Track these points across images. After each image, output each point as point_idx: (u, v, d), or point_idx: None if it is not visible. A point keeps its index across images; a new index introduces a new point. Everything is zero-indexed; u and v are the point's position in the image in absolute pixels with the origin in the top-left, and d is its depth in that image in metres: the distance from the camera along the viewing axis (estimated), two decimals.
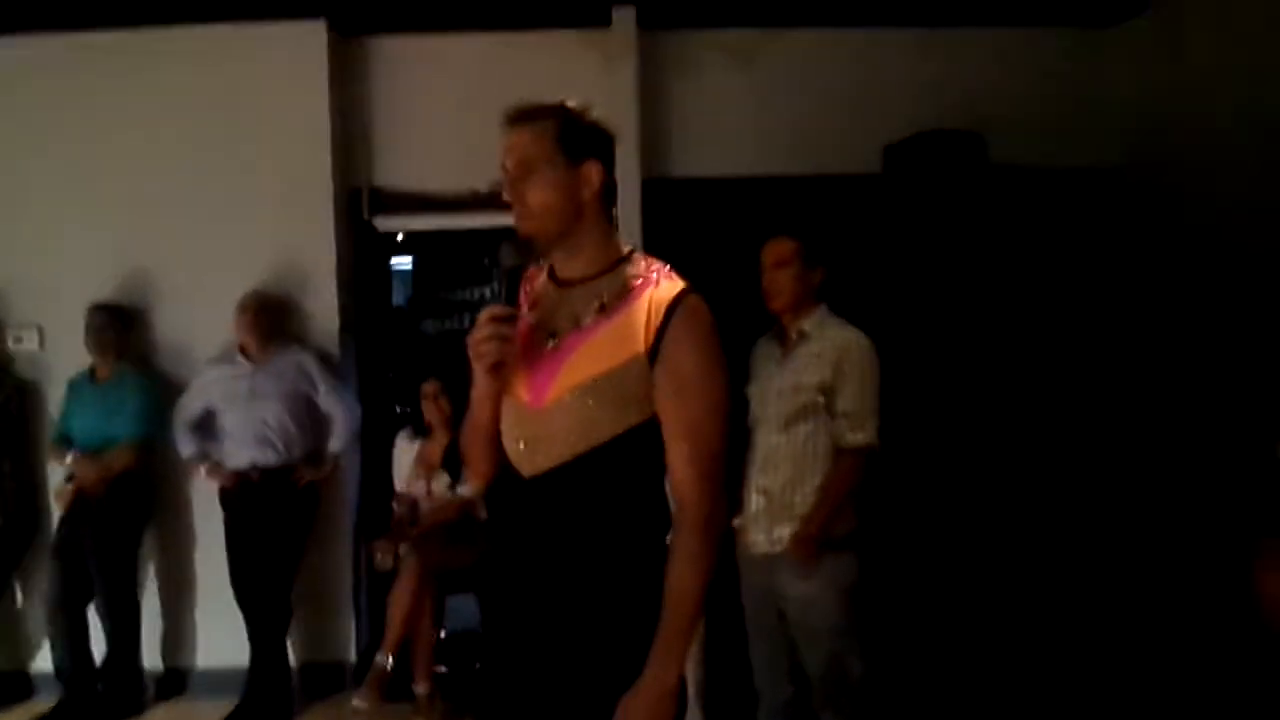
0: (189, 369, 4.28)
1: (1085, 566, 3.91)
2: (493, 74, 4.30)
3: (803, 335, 2.86)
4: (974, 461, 3.76)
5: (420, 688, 3.88)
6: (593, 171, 1.69)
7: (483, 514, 4.06)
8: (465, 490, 4.08)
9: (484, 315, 1.65)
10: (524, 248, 1.70)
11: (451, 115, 4.34)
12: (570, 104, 1.71)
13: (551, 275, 1.76)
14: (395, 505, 4.32)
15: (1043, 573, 3.82)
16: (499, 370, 1.66)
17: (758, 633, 2.96)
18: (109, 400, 4.13)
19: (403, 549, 4.02)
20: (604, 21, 4.36)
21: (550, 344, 1.68)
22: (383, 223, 4.56)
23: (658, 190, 4.31)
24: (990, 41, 4.39)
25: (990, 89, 4.30)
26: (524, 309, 1.76)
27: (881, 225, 4.05)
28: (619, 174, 4.40)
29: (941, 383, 3.77)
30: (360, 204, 4.48)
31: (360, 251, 4.56)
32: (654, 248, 4.12)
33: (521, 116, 1.69)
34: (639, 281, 1.69)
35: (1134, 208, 4.30)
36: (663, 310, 1.64)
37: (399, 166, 4.46)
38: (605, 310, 1.67)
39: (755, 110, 4.39)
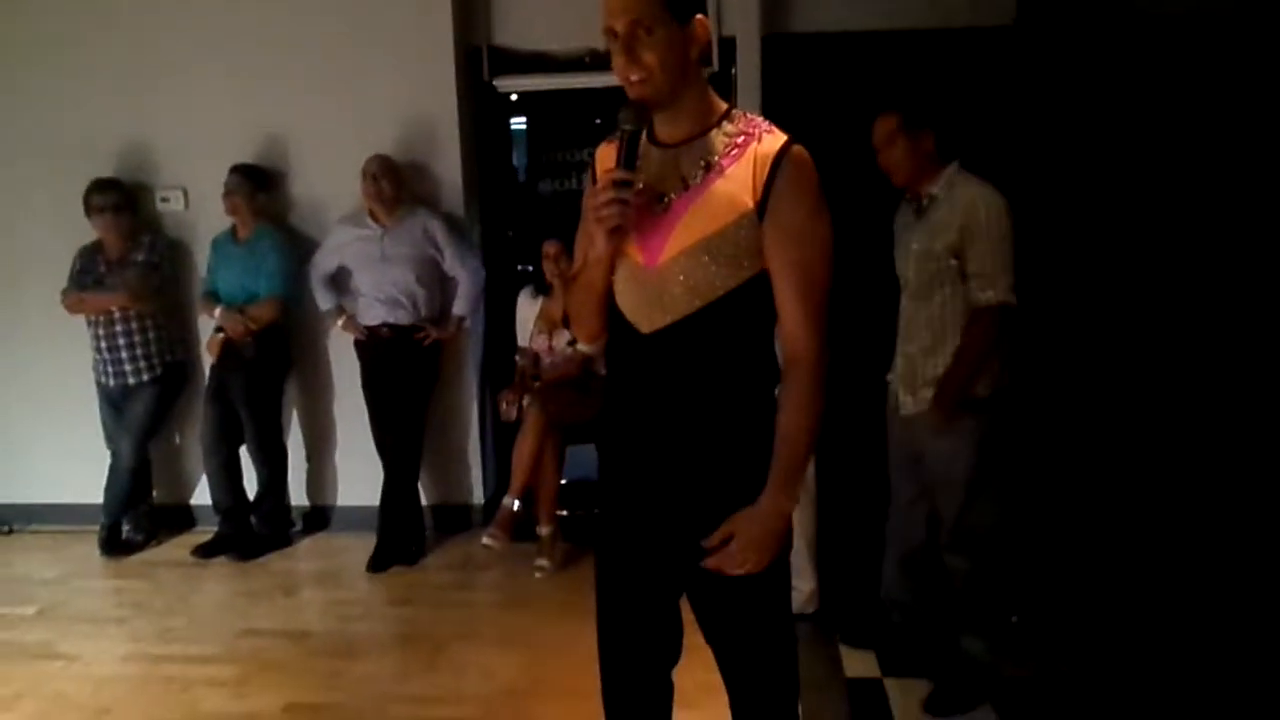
0: (322, 228, 4.48)
1: (1228, 430, 3.84)
2: None
3: (932, 200, 2.83)
4: (1115, 323, 3.70)
5: (544, 529, 4.13)
6: (700, 28, 1.68)
7: (602, 369, 4.20)
8: (585, 346, 4.22)
9: (604, 179, 1.68)
10: (640, 110, 1.69)
11: None
12: None
13: (651, 137, 1.76)
14: (518, 359, 4.51)
15: (1182, 433, 3.78)
16: (619, 234, 1.69)
17: (900, 482, 3.06)
18: (249, 258, 4.36)
19: (526, 400, 4.22)
20: None
21: (661, 205, 1.71)
22: (501, 83, 4.60)
23: (779, 46, 4.20)
24: None
25: None
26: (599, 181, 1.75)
27: (1015, 81, 3.89)
28: (739, 29, 4.33)
29: (1078, 245, 3.69)
30: (480, 64, 4.52)
31: (480, 112, 4.62)
32: (775, 106, 4.14)
33: None
34: (742, 138, 1.70)
35: None
36: (768, 164, 1.66)
37: (517, 25, 4.45)
38: (711, 169, 1.69)
39: None
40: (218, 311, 4.32)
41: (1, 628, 3.78)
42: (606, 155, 1.79)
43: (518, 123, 5.47)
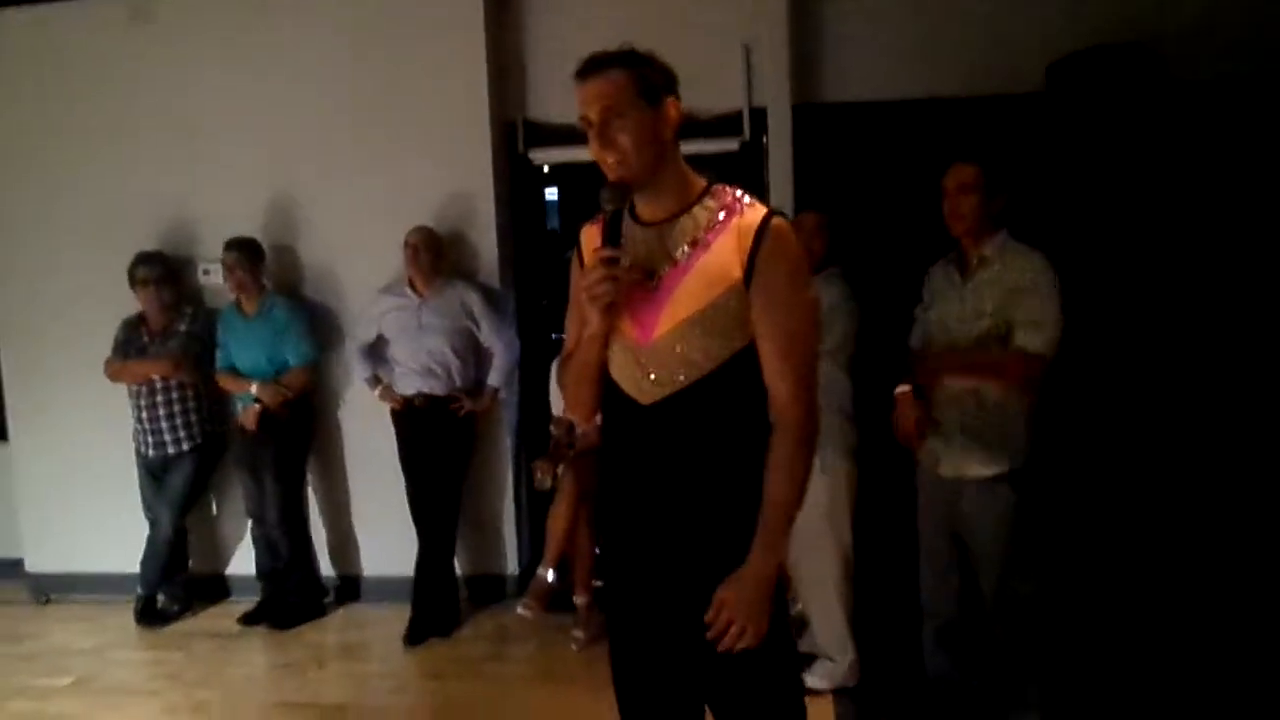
0: (363, 302, 4.50)
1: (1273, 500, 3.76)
2: (642, 4, 4.30)
3: (984, 261, 2.85)
4: (1152, 383, 3.65)
5: (580, 599, 4.09)
6: (672, 109, 1.76)
7: None
8: (580, 429, 4.18)
9: (593, 259, 1.74)
10: (622, 190, 1.76)
11: (602, 45, 4.36)
12: (635, 48, 1.76)
13: (635, 217, 1.82)
14: (553, 429, 4.50)
15: (1225, 495, 3.71)
16: (613, 310, 1.75)
17: (932, 548, 3.02)
18: (265, 329, 4.40)
19: (560, 470, 4.20)
20: None
21: (652, 282, 1.77)
22: (535, 155, 4.67)
23: (810, 116, 4.25)
24: None
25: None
26: (586, 263, 1.84)
27: (1045, 148, 3.89)
28: (770, 99, 4.38)
29: (1113, 312, 3.65)
30: (516, 137, 4.60)
31: (515, 184, 4.69)
32: (806, 176, 4.16)
33: (594, 66, 1.74)
34: (724, 213, 1.76)
35: None
36: (751, 235, 1.72)
37: (550, 99, 4.53)
38: (698, 244, 1.75)
39: (909, 30, 4.23)
40: (254, 386, 4.34)
41: (37, 699, 3.78)
42: (591, 236, 1.87)
43: (551, 193, 5.56)
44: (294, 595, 4.50)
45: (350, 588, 4.75)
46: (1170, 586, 3.53)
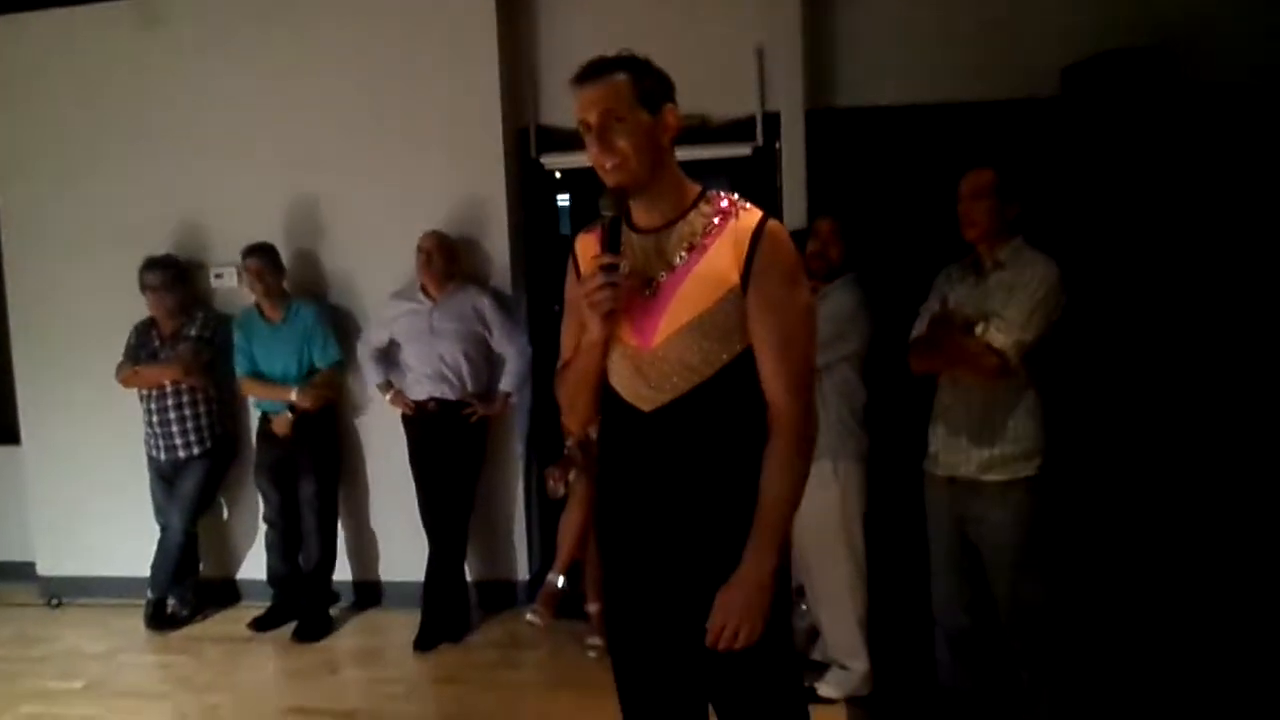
0: (376, 306, 4.50)
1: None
2: (654, 11, 4.30)
3: (998, 264, 2.83)
4: (1172, 388, 3.62)
5: (593, 606, 4.06)
6: (670, 115, 1.77)
7: None
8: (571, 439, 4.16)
9: (591, 266, 1.75)
10: (619, 196, 1.76)
11: (615, 51, 4.35)
12: (634, 54, 1.78)
13: (631, 225, 1.82)
14: (568, 442, 4.48)
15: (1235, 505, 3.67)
16: (613, 317, 1.75)
17: (940, 552, 2.98)
18: (292, 333, 4.40)
19: (572, 475, 4.18)
20: None
21: (650, 288, 1.78)
22: (548, 160, 4.67)
23: (824, 121, 4.23)
24: None
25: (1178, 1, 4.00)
26: (580, 275, 1.85)
27: (1061, 153, 3.87)
28: (783, 104, 4.36)
29: (1129, 314, 3.62)
30: (528, 142, 4.60)
31: (527, 189, 4.69)
32: (819, 181, 4.14)
33: (594, 71, 1.75)
34: (719, 217, 1.78)
35: None
36: (748, 239, 1.74)
37: (563, 104, 4.49)
38: (695, 250, 1.76)
39: (923, 35, 4.21)
40: (294, 393, 4.33)
41: (48, 702, 3.79)
42: (587, 244, 1.89)
43: (563, 199, 5.55)
44: (321, 604, 4.47)
45: (370, 593, 4.75)
46: (1187, 595, 3.50)
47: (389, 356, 4.44)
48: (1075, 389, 2.80)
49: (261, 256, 4.36)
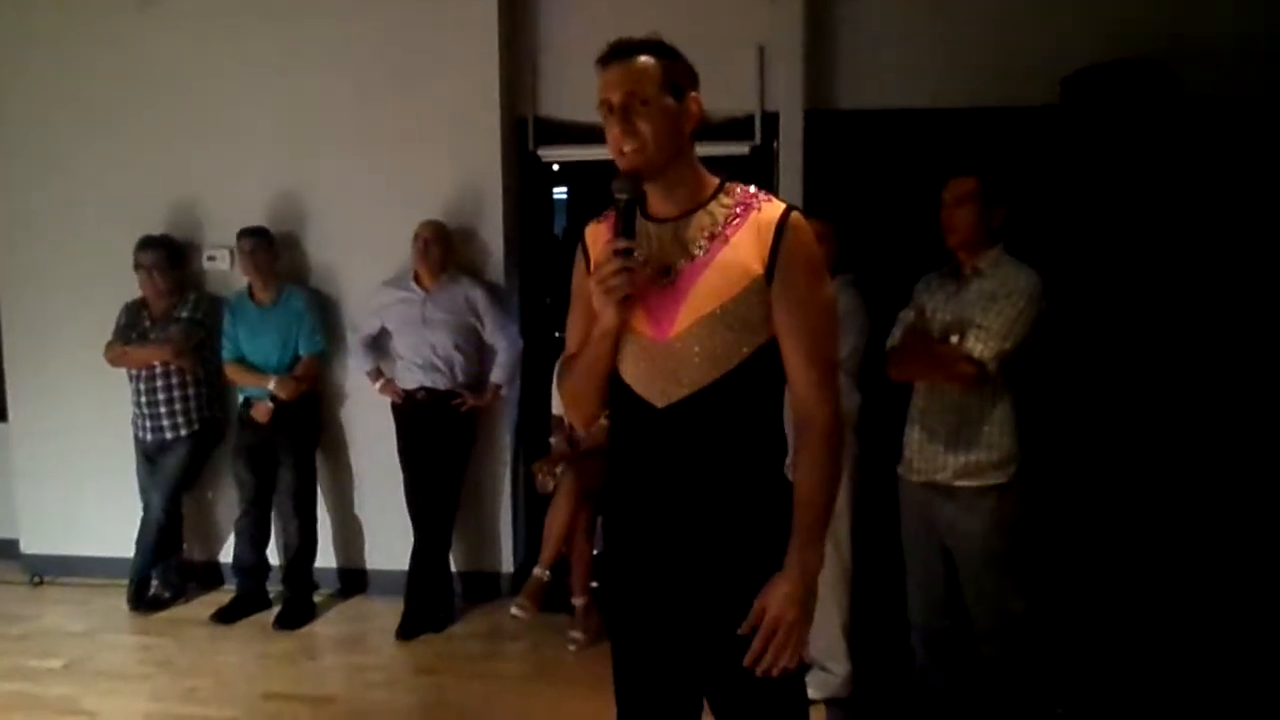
0: (369, 294, 4.47)
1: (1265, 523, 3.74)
2: (655, 4, 4.27)
3: (977, 272, 2.83)
4: (1165, 399, 3.63)
5: (578, 600, 4.07)
6: (694, 104, 1.73)
7: None
8: (581, 433, 4.15)
9: (605, 250, 1.69)
10: (635, 180, 1.71)
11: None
12: (663, 40, 1.74)
13: (645, 214, 1.77)
14: (554, 429, 4.48)
15: (1217, 515, 3.69)
16: (628, 304, 1.69)
17: (914, 554, 2.99)
18: (282, 320, 4.39)
19: (560, 469, 4.18)
20: None
21: (667, 278, 1.71)
22: (545, 153, 4.66)
23: (822, 122, 4.23)
24: None
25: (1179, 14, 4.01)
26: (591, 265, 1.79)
27: (1059, 160, 3.87)
28: (782, 104, 4.35)
29: (1119, 324, 3.63)
30: (526, 134, 4.58)
31: (523, 181, 4.68)
32: (817, 182, 4.14)
33: (622, 51, 1.70)
34: (741, 208, 1.73)
35: None
36: (772, 230, 1.69)
37: (561, 97, 4.50)
38: (716, 239, 1.71)
39: (925, 39, 4.22)
40: (273, 383, 4.32)
41: (27, 680, 3.77)
42: (598, 233, 1.82)
43: (559, 192, 5.54)
44: (303, 590, 4.45)
45: (355, 581, 4.74)
46: (1170, 603, 3.51)
47: (379, 344, 4.43)
48: (1057, 398, 2.80)
49: (256, 238, 4.36)
